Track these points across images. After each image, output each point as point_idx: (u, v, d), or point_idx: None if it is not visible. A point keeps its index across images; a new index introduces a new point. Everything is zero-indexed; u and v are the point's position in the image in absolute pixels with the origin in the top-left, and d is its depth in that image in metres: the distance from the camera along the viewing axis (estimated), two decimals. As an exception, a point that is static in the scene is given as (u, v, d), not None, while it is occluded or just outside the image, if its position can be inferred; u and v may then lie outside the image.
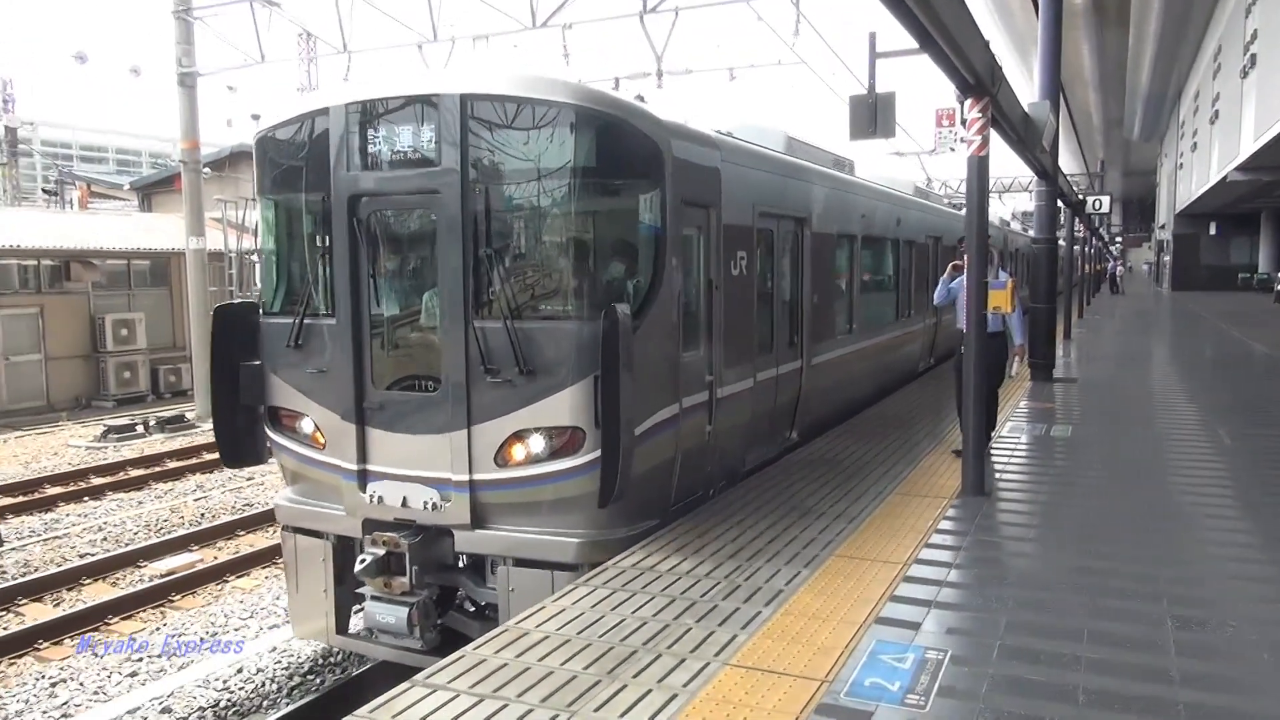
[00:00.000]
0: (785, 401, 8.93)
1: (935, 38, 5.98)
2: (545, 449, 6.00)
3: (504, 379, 5.99)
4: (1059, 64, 14.43)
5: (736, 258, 7.54)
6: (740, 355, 7.70)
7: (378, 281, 6.59)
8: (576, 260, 6.11)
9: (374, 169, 6.32)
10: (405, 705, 4.06)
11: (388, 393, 6.44)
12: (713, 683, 4.20)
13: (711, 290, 7.13)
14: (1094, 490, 7.62)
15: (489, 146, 6.08)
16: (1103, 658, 4.43)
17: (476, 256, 6.05)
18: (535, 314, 6.09)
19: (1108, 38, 31.06)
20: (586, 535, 6.08)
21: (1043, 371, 14.30)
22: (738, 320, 7.60)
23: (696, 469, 7.10)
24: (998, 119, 8.40)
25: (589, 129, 6.02)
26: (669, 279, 6.40)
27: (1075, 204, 24.46)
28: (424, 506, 6.30)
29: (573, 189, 6.00)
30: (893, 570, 5.66)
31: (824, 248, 9.86)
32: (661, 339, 6.42)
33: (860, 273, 11.47)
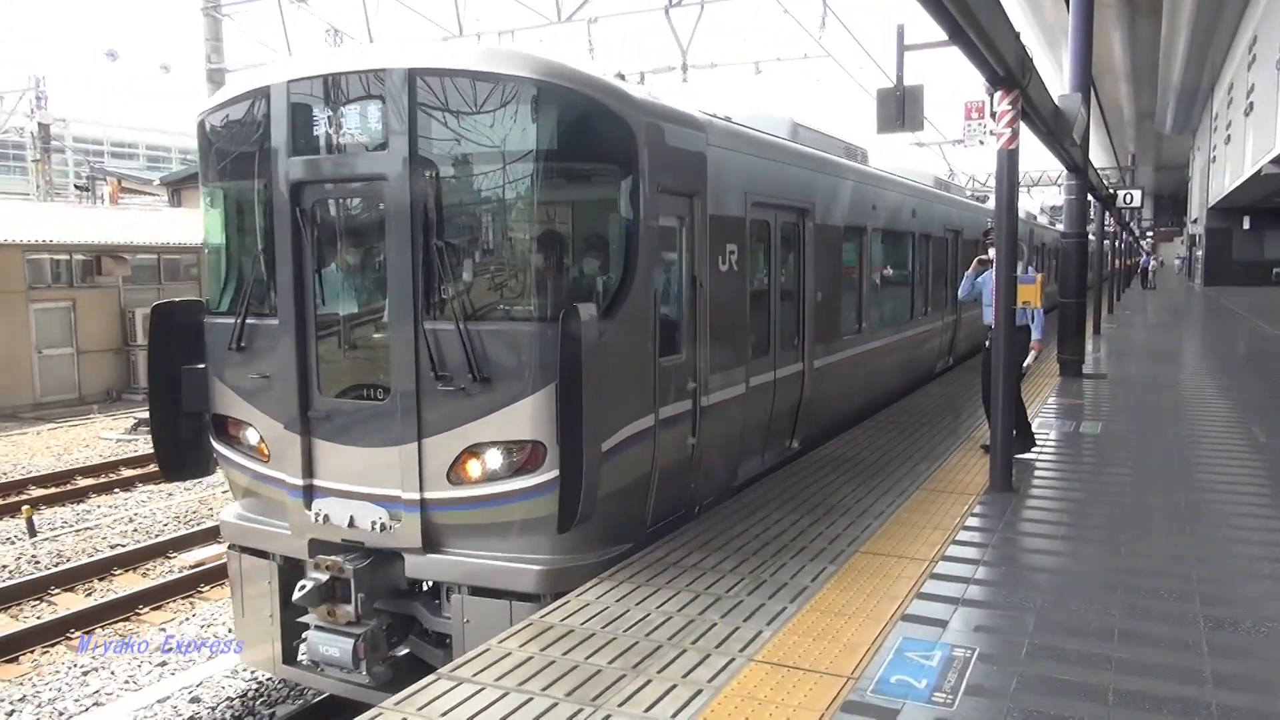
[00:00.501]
0: (785, 408, 8.33)
1: (966, 30, 5.92)
2: (503, 465, 5.43)
3: (457, 387, 5.42)
4: (1090, 55, 14.24)
5: (725, 252, 6.91)
6: (730, 359, 7.08)
7: (324, 278, 6.02)
8: (537, 255, 5.51)
9: (319, 153, 5.78)
10: (430, 698, 4.07)
11: (336, 401, 5.88)
12: (738, 678, 4.19)
13: (696, 288, 6.51)
14: (1124, 487, 7.52)
15: (440, 127, 5.50)
16: (1134, 657, 4.37)
17: (427, 250, 5.47)
18: (491, 315, 5.50)
19: (1139, 28, 30.61)
20: (549, 562, 5.51)
21: (1072, 367, 14.14)
22: (727, 321, 7.00)
23: (677, 486, 6.51)
24: (1028, 112, 8.31)
25: (551, 106, 5.40)
26: (643, 275, 5.79)
27: (1106, 198, 24.14)
28: (372, 527, 5.71)
29: (532, 174, 5.40)
30: (919, 567, 5.62)
31: (829, 241, 9.24)
32: (634, 342, 5.82)
33: (871, 268, 10.80)
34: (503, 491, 5.43)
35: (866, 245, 10.58)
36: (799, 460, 8.51)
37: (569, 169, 5.68)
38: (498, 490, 5.45)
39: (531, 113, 5.38)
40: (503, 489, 5.43)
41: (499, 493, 5.45)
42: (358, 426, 5.80)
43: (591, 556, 5.68)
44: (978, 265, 9.28)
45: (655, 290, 5.95)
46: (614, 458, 5.59)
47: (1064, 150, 12.61)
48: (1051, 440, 9.47)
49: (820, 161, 9.19)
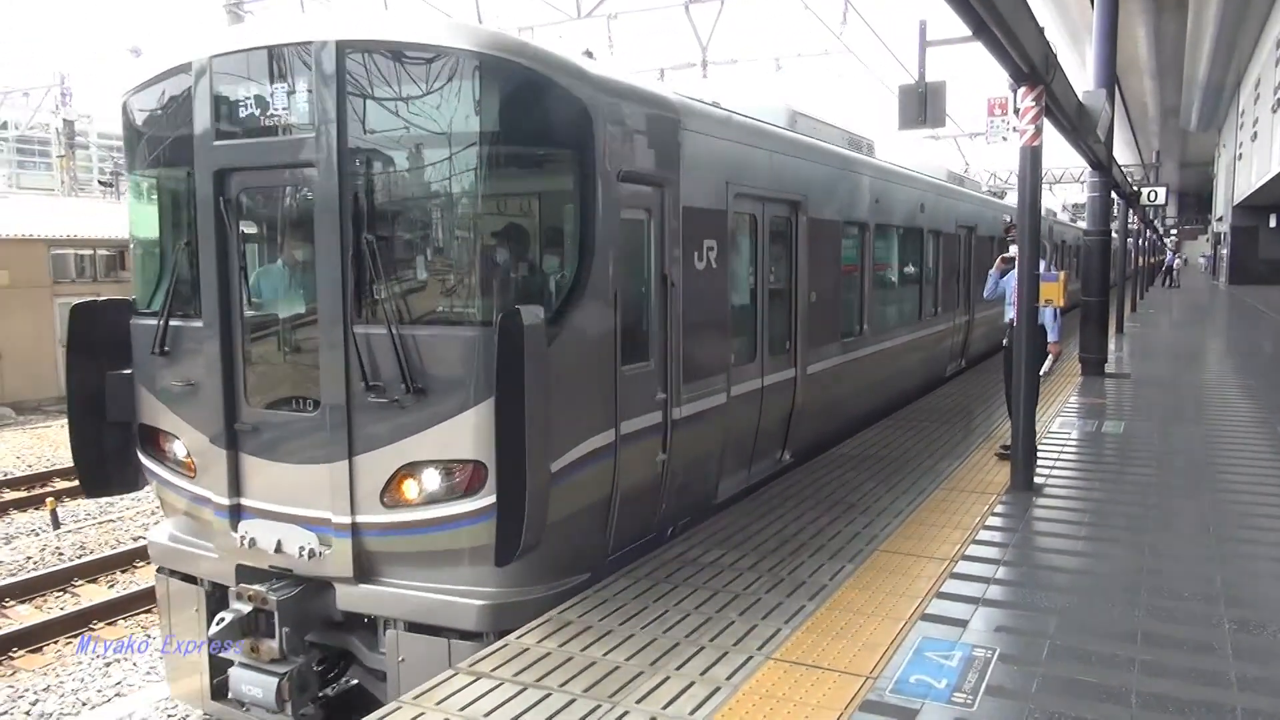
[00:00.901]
0: (774, 418, 7.76)
1: (990, 25, 5.87)
2: (442, 487, 4.89)
3: (390, 399, 4.89)
4: (1114, 51, 14.11)
5: (702, 248, 6.34)
6: (708, 366, 6.50)
7: (252, 276, 5.50)
8: (478, 250, 4.93)
9: (243, 137, 5.23)
10: (448, 693, 4.08)
11: (264, 412, 5.35)
12: (756, 676, 4.18)
13: (666, 287, 5.91)
14: (1147, 488, 7.45)
15: (372, 107, 4.95)
16: (1157, 659, 4.33)
17: (357, 245, 4.94)
18: (428, 318, 4.96)
19: (1165, 23, 30.29)
20: (493, 596, 4.96)
21: (1094, 366, 14.02)
22: (704, 324, 6.42)
23: (645, 507, 5.97)
24: (1051, 108, 8.24)
25: (493, 82, 4.83)
26: (600, 274, 5.22)
27: (1129, 195, 23.92)
28: (300, 553, 5.16)
29: (473, 159, 4.83)
30: (939, 566, 5.58)
31: (825, 236, 8.58)
32: (590, 349, 5.26)
33: (873, 266, 10.13)
34: (441, 516, 4.89)
35: (868, 242, 9.94)
36: (818, 459, 8.47)
37: (515, 153, 5.09)
38: (436, 515, 4.90)
39: (472, 90, 4.80)
40: (441, 513, 4.89)
41: (437, 518, 4.90)
42: (287, 441, 5.27)
43: (542, 589, 5.11)
44: (1001, 264, 9.20)
45: (616, 290, 5.35)
46: (566, 479, 5.03)
47: (1087, 147, 12.50)
48: (1073, 440, 9.39)
49: (815, 151, 8.55)
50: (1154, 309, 29.97)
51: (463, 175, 4.92)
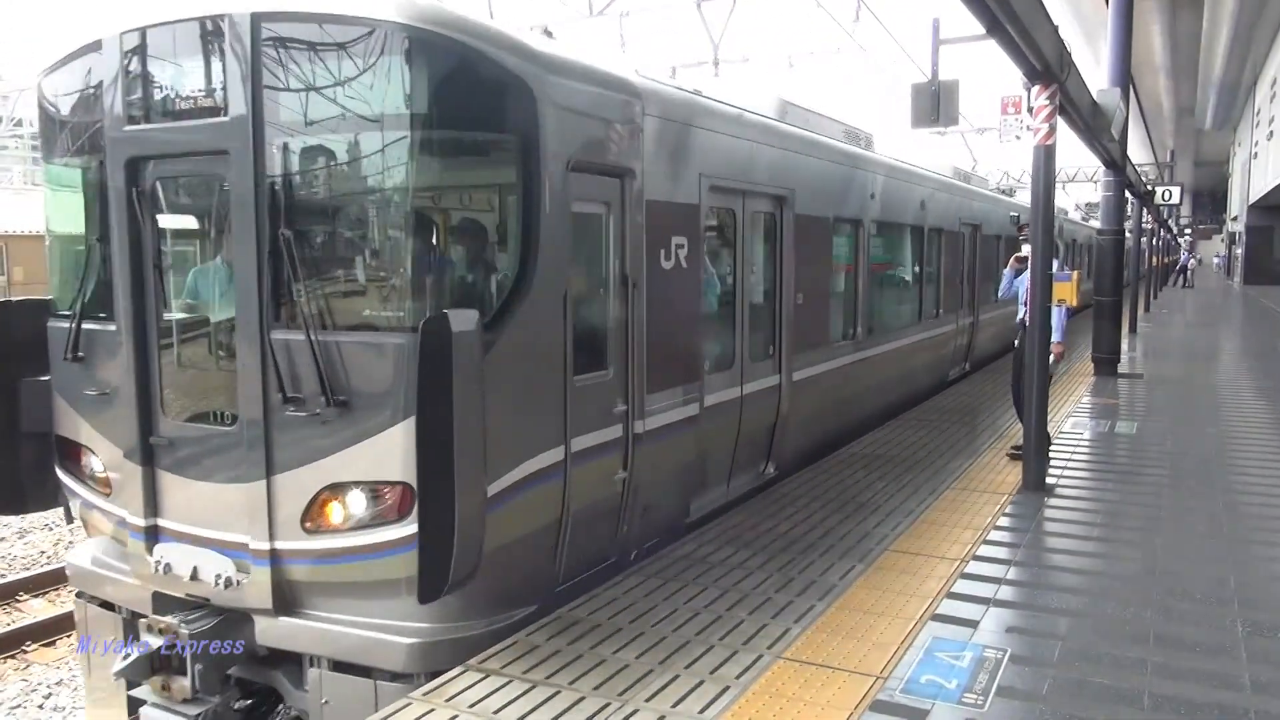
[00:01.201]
0: (756, 429, 7.28)
1: (1004, 23, 5.84)
2: (368, 511, 4.44)
3: (310, 413, 4.44)
4: (1129, 49, 14.03)
5: (670, 245, 5.86)
6: (677, 374, 6.03)
7: (169, 275, 5.00)
8: (408, 247, 4.48)
9: (156, 120, 4.78)
10: (458, 690, 4.09)
11: (183, 425, 4.90)
12: (765, 675, 4.17)
13: (628, 289, 5.44)
14: (1160, 488, 7.41)
15: (292, 87, 4.48)
16: (1169, 661, 4.31)
17: (274, 240, 4.47)
18: (352, 323, 4.48)
19: (1180, 21, 30.10)
20: (424, 633, 4.50)
21: (1107, 366, 13.95)
22: (672, 328, 5.96)
23: (601, 531, 5.51)
24: (1065, 107, 8.20)
25: (425, 60, 4.37)
26: (547, 274, 4.73)
27: (1144, 195, 23.78)
28: (216, 581, 4.69)
29: (403, 145, 4.38)
30: (950, 566, 5.57)
31: (815, 234, 8.07)
32: (535, 358, 4.80)
33: (868, 265, 9.58)
34: (366, 544, 4.44)
35: (863, 239, 9.42)
36: (827, 458, 8.45)
37: (449, 139, 4.63)
38: (362, 542, 4.45)
39: (400, 67, 4.33)
40: (366, 541, 4.44)
41: (363, 545, 4.45)
42: (206, 457, 4.81)
43: (480, 625, 4.64)
44: (1015, 263, 9.16)
45: (566, 292, 4.89)
46: (506, 503, 4.58)
47: (1101, 146, 12.44)
48: (1086, 440, 9.34)
49: (803, 142, 7.96)
50: (1167, 309, 29.81)
51: (390, 163, 4.44)
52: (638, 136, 5.54)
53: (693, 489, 6.48)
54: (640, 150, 5.55)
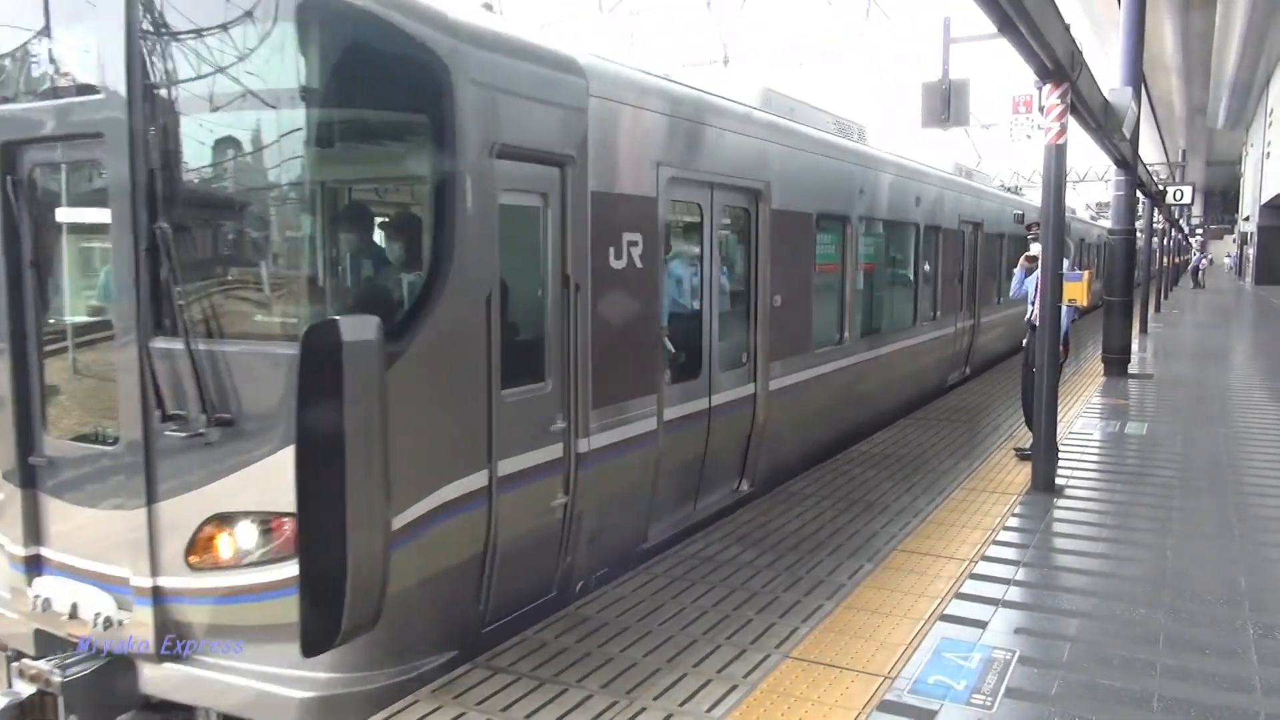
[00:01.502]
0: (728, 443, 6.75)
1: (1015, 21, 5.81)
2: (259, 546, 3.92)
3: (193, 432, 3.94)
4: (1141, 48, 13.97)
5: (622, 242, 5.31)
6: (630, 385, 5.49)
7: (49, 275, 4.48)
8: (304, 244, 3.99)
9: (30, 100, 4.29)
10: (466, 687, 4.10)
11: (67, 444, 4.38)
12: (773, 675, 4.17)
13: (570, 291, 4.89)
14: (1170, 490, 7.37)
15: (175, 58, 3.95)
16: (1180, 663, 4.29)
17: (151, 235, 3.94)
18: (240, 330, 4.00)
19: (1193, 20, 29.98)
20: (322, 685, 3.96)
21: (1117, 367, 13.89)
22: (625, 335, 5.41)
23: (538, 563, 4.94)
24: (1077, 106, 8.16)
25: (320, 26, 3.87)
26: (466, 274, 4.16)
27: (1155, 194, 23.68)
28: (95, 621, 4.17)
29: (296, 125, 3.90)
30: (959, 567, 5.55)
31: (795, 231, 7.48)
32: (452, 369, 4.22)
33: (856, 265, 9.01)
34: (257, 583, 3.94)
35: (851, 237, 8.83)
36: (836, 457, 8.43)
37: (350, 119, 4.10)
38: (251, 581, 3.94)
39: (291, 37, 3.84)
40: (257, 579, 3.94)
41: (252, 584, 3.94)
42: (89, 480, 4.29)
43: (388, 676, 4.10)
44: (1026, 263, 9.13)
45: (491, 294, 4.29)
46: (416, 537, 4.04)
47: (1113, 145, 12.38)
48: (1095, 441, 9.30)
49: (781, 131, 7.34)
50: (1179, 309, 29.68)
51: (281, 147, 3.93)
52: (580, 120, 4.95)
53: (651, 511, 5.90)
54: (584, 136, 4.96)
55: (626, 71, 5.59)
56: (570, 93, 4.90)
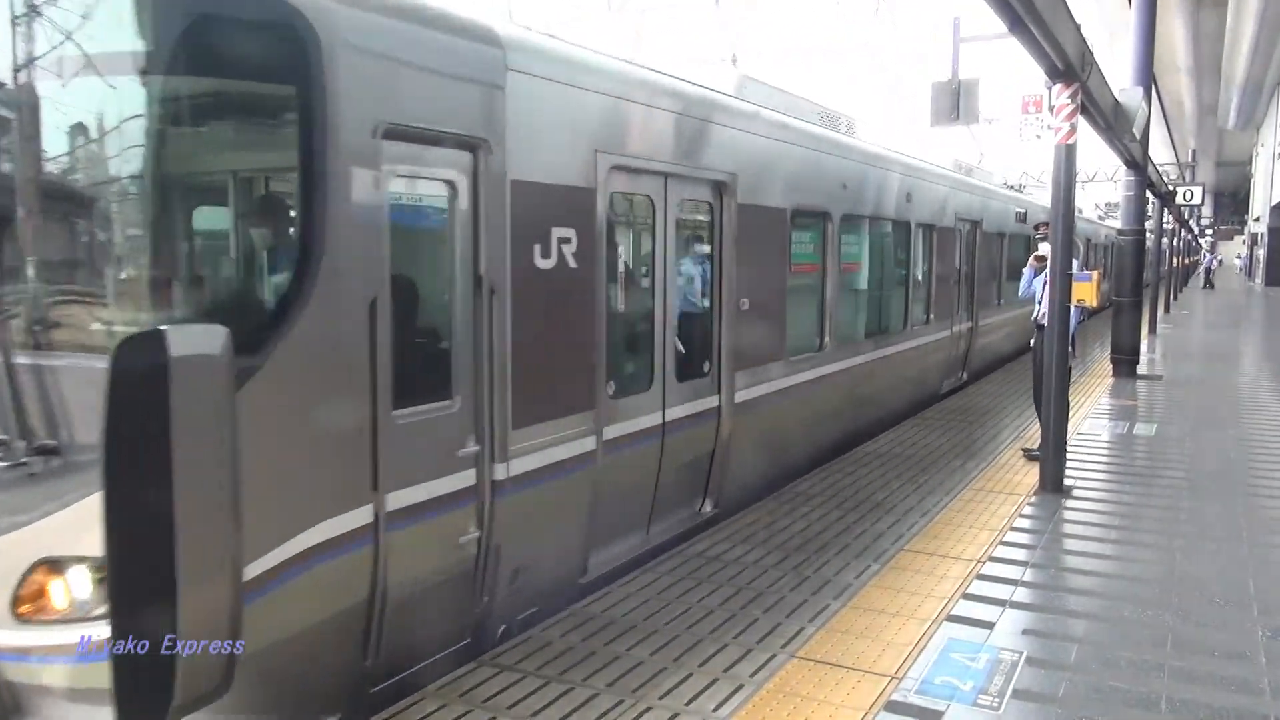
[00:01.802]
0: (687, 461, 6.17)
1: (1026, 21, 5.79)
2: (95, 595, 3.28)
3: (15, 461, 3.38)
4: (1152, 48, 13.90)
5: (551, 239, 4.71)
6: (561, 401, 4.89)
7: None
8: (141, 238, 3.52)
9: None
10: (472, 685, 4.10)
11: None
12: (779, 675, 4.16)
13: (484, 295, 4.27)
14: (1179, 491, 7.34)
15: (8, 23, 3.49)
16: (1188, 666, 4.27)
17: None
18: (67, 341, 3.46)
19: (1204, 20, 29.82)
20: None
21: (1126, 367, 13.84)
22: (554, 344, 4.83)
23: (443, 609, 4.33)
24: (1087, 106, 8.13)
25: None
26: (338, 274, 3.53)
27: (1165, 195, 23.59)
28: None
29: (134, 97, 3.39)
30: (966, 567, 5.54)
31: (766, 228, 6.91)
32: (324, 387, 3.59)
33: (838, 265, 8.37)
34: (90, 640, 3.28)
35: (832, 235, 8.21)
36: (843, 456, 8.42)
37: (199, 92, 3.54)
38: (81, 638, 3.26)
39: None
40: (90, 635, 3.28)
41: (75, 643, 3.27)
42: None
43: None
44: (1035, 262, 9.10)
45: (376, 297, 3.68)
46: (276, 587, 3.42)
47: (1123, 146, 12.34)
48: (1104, 441, 9.27)
49: (749, 118, 6.75)
50: (1188, 310, 29.55)
51: (115, 124, 3.39)
52: (497, 99, 4.32)
53: (590, 541, 5.34)
54: (501, 116, 4.34)
55: (557, 45, 5.00)
56: (484, 66, 4.27)
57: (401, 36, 3.89)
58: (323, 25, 3.48)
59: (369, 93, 3.67)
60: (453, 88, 4.14)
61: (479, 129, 4.24)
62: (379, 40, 3.76)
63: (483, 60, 4.29)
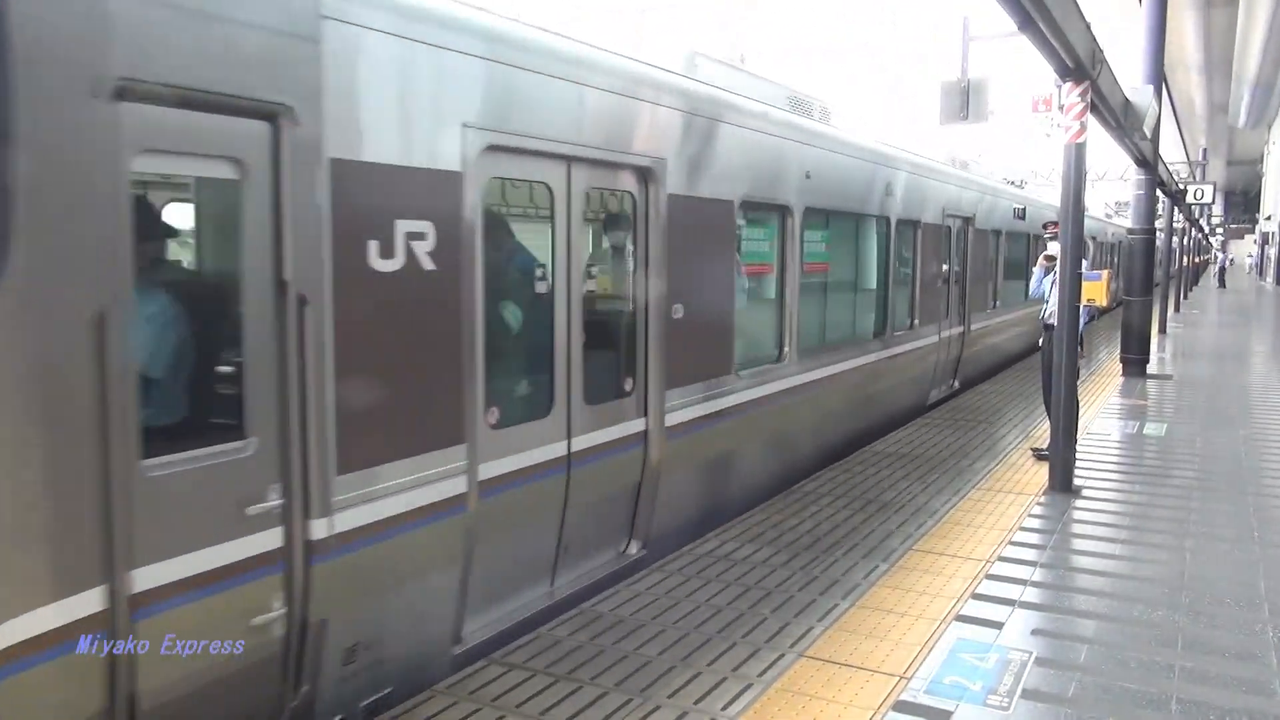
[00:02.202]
0: (605, 496, 5.38)
1: (1036, 19, 5.78)
2: None
3: None
4: (1163, 46, 13.84)
5: (394, 235, 3.81)
6: (415, 435, 3.98)
7: None
8: None
9: None
10: (481, 683, 4.11)
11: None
12: (788, 674, 4.16)
13: (290, 305, 3.40)
14: (1189, 491, 7.31)
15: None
16: (1198, 666, 4.25)
17: None
18: None
19: (1215, 18, 29.68)
20: None
21: (1136, 367, 13.80)
22: (404, 364, 3.92)
23: (234, 710, 3.41)
24: (1097, 104, 8.10)
25: None
26: (38, 283, 2.72)
27: (1175, 193, 23.49)
28: None
29: None
30: (975, 567, 5.53)
31: (705, 222, 6.04)
32: (17, 430, 2.71)
33: (801, 265, 7.46)
34: None
35: (793, 231, 7.27)
36: (850, 456, 8.40)
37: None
38: None
39: None
40: None
41: None
42: None
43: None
44: (1044, 261, 9.07)
45: (106, 313, 2.84)
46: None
47: (1133, 144, 12.29)
48: (1114, 441, 9.24)
49: (683, 95, 5.85)
50: (1198, 309, 29.43)
51: None
52: (307, 53, 3.43)
53: (468, 602, 4.45)
54: (314, 77, 3.45)
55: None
56: (283, 9, 3.37)
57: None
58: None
59: (88, 38, 2.79)
60: (233, 36, 3.19)
61: (278, 92, 3.32)
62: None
63: (280, 6, 3.37)
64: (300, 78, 3.40)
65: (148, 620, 3.02)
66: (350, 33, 3.59)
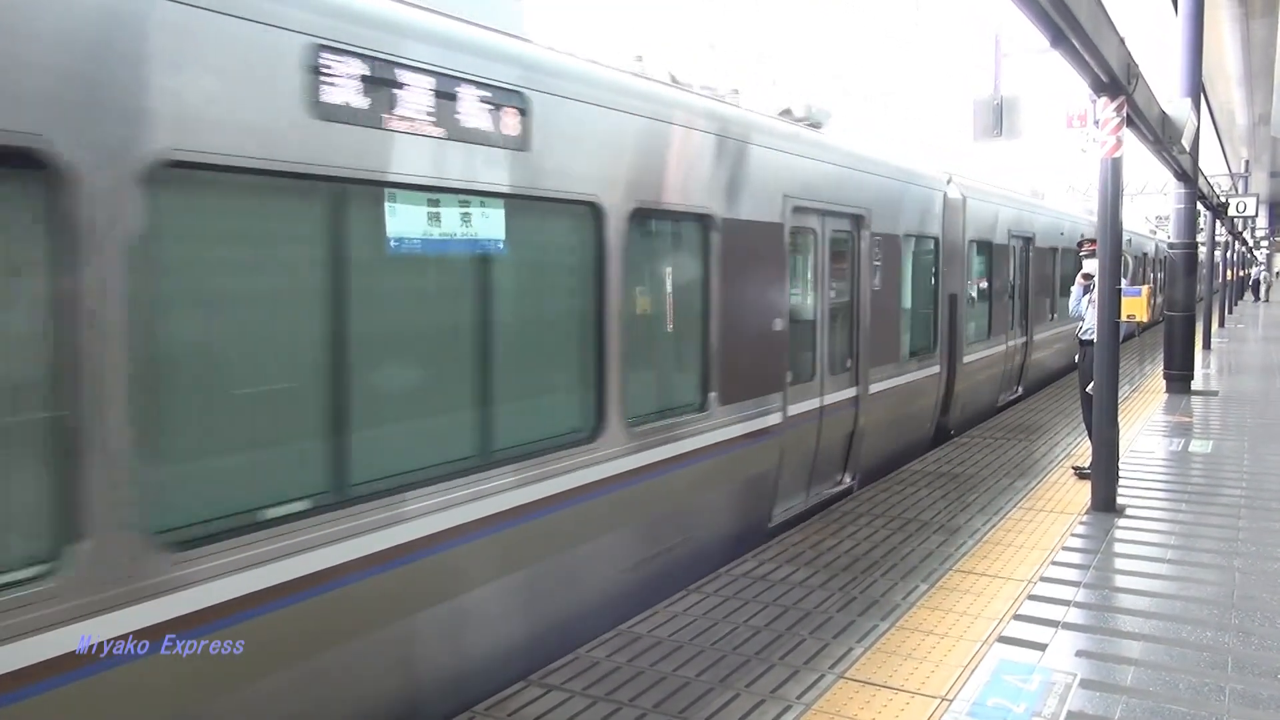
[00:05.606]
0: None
1: (1068, 35, 5.76)
2: None
3: None
4: (1200, 58, 13.70)
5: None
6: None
7: None
8: None
9: None
10: (520, 704, 4.13)
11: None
12: (827, 696, 4.13)
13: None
14: (1237, 509, 7.17)
15: None
16: (1249, 689, 4.16)
17: None
18: None
19: (1255, 29, 29.27)
20: None
21: (1180, 383, 13.56)
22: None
23: None
24: (1133, 119, 8.03)
25: None
26: None
27: (1217, 207, 23.12)
28: None
29: None
30: (1017, 588, 5.46)
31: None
32: None
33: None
34: None
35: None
36: (890, 475, 8.34)
37: None
38: None
39: None
40: None
41: None
42: None
43: None
44: (1083, 280, 8.98)
45: None
46: None
47: (1172, 158, 12.15)
48: (1158, 459, 9.08)
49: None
50: (1243, 323, 28.87)
51: None
52: None
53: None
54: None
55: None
56: None
57: None
58: None
59: None
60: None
61: None
62: None
63: None
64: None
65: None
66: None
